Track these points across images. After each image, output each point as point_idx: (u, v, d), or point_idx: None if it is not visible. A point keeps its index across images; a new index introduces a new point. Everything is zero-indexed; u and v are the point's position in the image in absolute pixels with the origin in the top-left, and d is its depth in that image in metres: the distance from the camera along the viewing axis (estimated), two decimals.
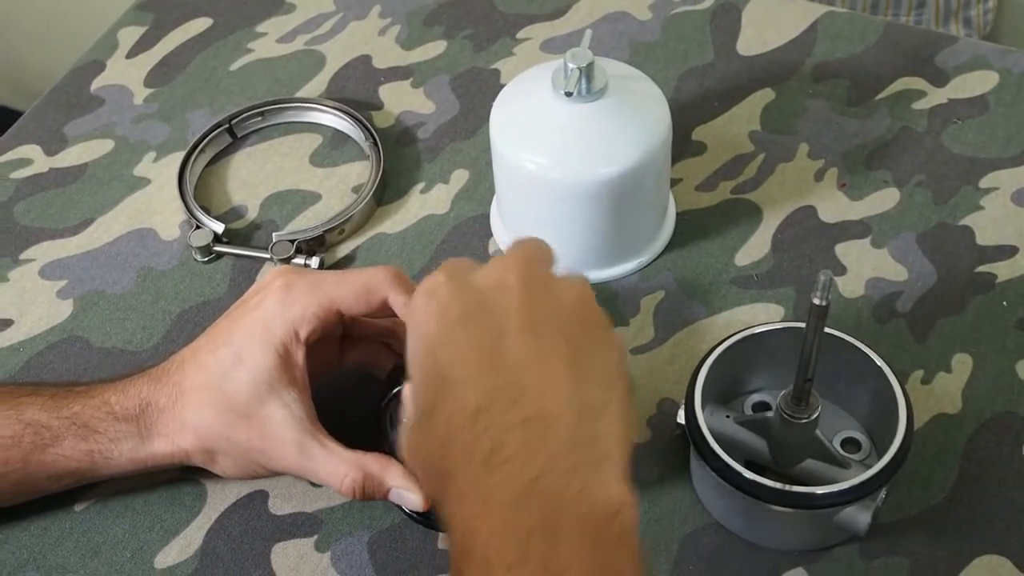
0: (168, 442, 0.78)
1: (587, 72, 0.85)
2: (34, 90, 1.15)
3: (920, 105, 1.03)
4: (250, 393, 0.76)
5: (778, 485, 0.75)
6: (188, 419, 0.77)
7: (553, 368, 0.63)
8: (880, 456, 0.76)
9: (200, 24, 1.15)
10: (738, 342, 0.81)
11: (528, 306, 0.65)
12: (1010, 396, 0.85)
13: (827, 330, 0.80)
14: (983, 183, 0.97)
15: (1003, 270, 0.92)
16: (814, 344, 0.73)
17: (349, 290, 0.76)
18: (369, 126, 1.02)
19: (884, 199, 0.97)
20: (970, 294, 0.91)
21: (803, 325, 0.72)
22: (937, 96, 1.03)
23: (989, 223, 0.95)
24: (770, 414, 0.79)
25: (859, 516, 0.76)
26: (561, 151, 0.87)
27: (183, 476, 0.83)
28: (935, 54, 1.06)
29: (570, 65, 0.85)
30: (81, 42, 1.19)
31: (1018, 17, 1.48)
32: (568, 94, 0.85)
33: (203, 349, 0.78)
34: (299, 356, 0.76)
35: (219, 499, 0.84)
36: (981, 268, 0.92)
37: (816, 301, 0.70)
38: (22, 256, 0.98)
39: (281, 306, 0.76)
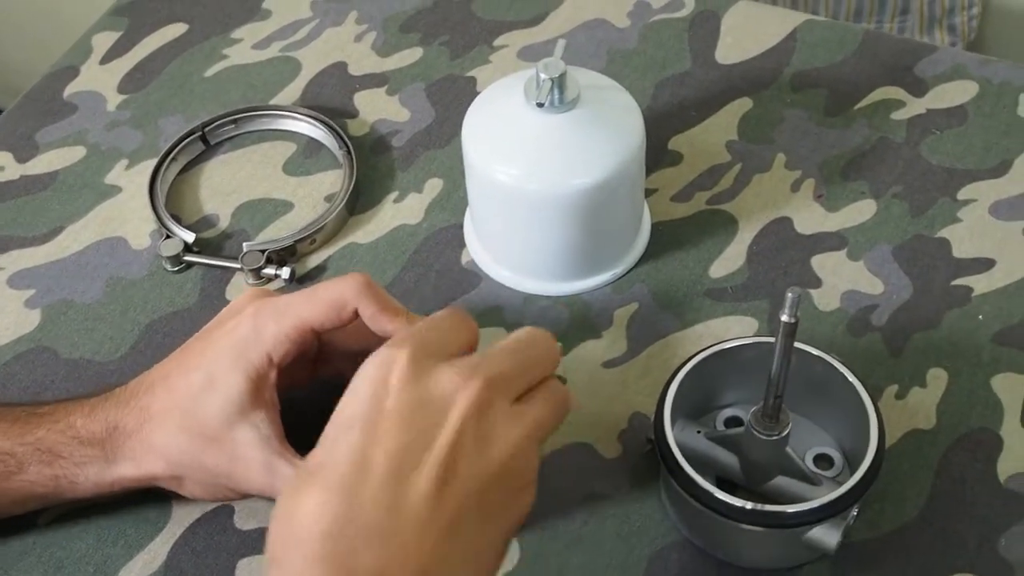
0: (135, 466, 0.77)
1: (559, 82, 0.84)
2: (19, 88, 1.14)
3: (899, 115, 1.02)
4: (220, 417, 0.75)
5: (745, 504, 0.73)
6: (157, 443, 0.76)
7: (431, 537, 0.60)
8: (853, 472, 0.76)
9: (175, 30, 1.14)
10: (708, 357, 0.80)
11: (455, 453, 0.61)
12: (985, 411, 0.84)
13: (799, 345, 0.80)
14: (961, 195, 0.96)
15: (980, 283, 0.91)
16: (783, 361, 0.72)
17: (320, 308, 0.76)
18: (343, 134, 1.01)
19: (861, 210, 0.96)
20: (946, 308, 0.90)
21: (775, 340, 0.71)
22: (916, 106, 1.02)
23: (966, 235, 0.94)
24: (741, 430, 0.78)
25: (828, 535, 0.75)
26: (533, 162, 0.86)
27: (148, 490, 0.82)
28: (914, 63, 1.05)
29: (542, 75, 0.84)
30: (67, 41, 1.18)
31: (1003, 24, 1.47)
32: (540, 105, 0.84)
33: (174, 372, 0.77)
34: (271, 378, 0.76)
35: (184, 514, 0.82)
36: (957, 281, 0.91)
37: (784, 318, 0.70)
38: None
39: (255, 331, 0.75)
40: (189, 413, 0.76)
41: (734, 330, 0.89)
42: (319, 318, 0.76)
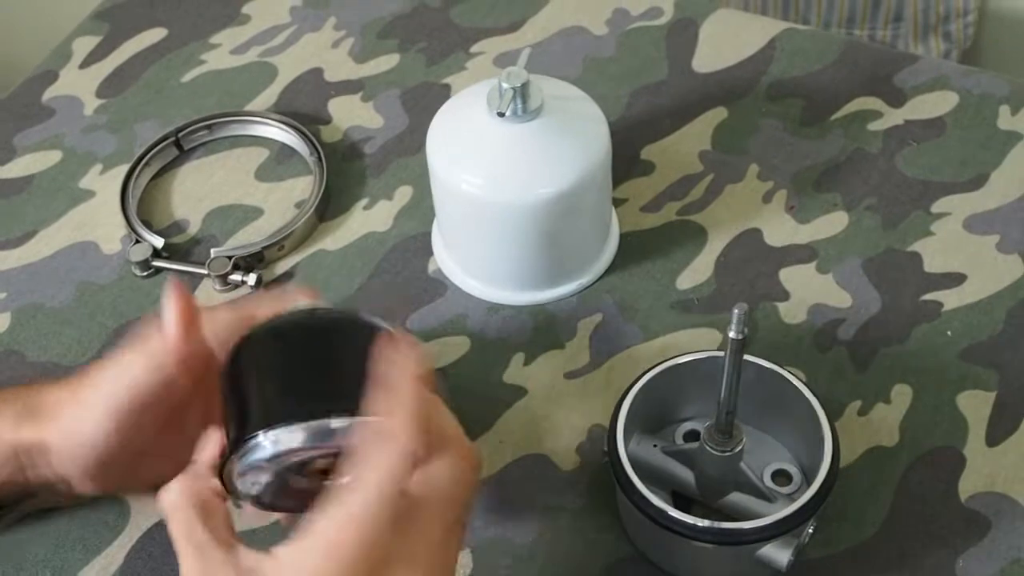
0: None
1: (522, 92, 0.84)
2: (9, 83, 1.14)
3: (876, 126, 1.01)
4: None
5: (693, 520, 0.73)
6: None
7: None
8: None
9: (155, 35, 1.14)
10: (663, 371, 0.79)
11: None
12: (949, 429, 0.83)
13: (756, 359, 0.79)
14: (935, 208, 0.95)
15: (950, 299, 0.90)
16: (733, 378, 0.71)
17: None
18: (314, 140, 1.01)
19: (832, 223, 0.95)
20: (914, 323, 0.89)
21: None
22: (893, 117, 1.01)
23: (938, 250, 0.93)
24: (696, 445, 0.77)
25: (779, 553, 0.74)
26: (496, 172, 0.86)
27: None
28: (895, 73, 1.04)
29: (504, 85, 0.84)
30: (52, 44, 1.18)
31: (998, 30, 1.45)
32: (500, 114, 0.84)
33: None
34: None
35: (142, 518, 0.83)
36: (927, 296, 0.90)
37: (732, 335, 0.69)
38: None
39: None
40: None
41: (698, 342, 0.89)
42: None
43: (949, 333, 0.88)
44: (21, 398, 0.76)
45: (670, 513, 0.73)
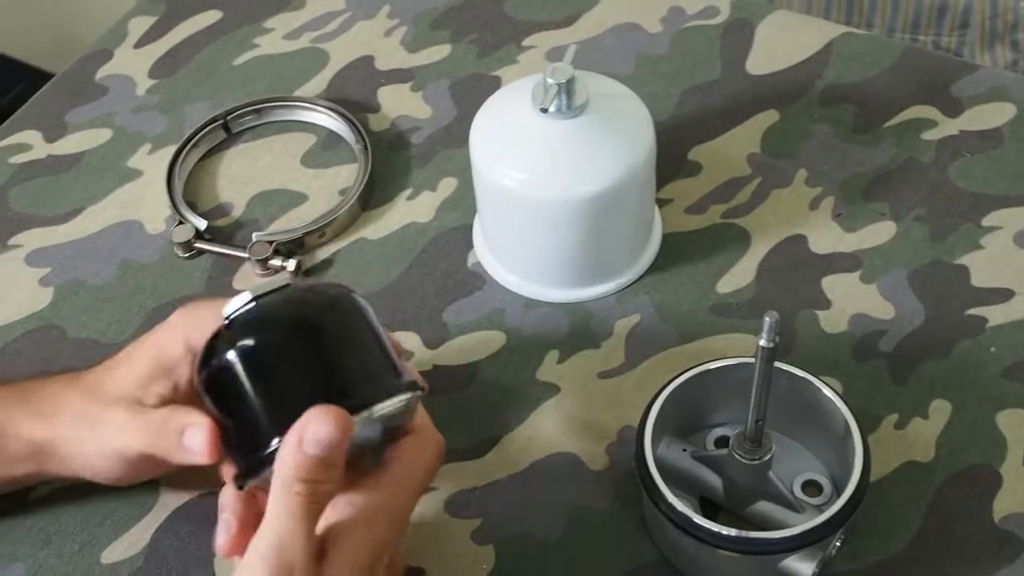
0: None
1: (567, 88, 0.83)
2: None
3: (929, 135, 0.99)
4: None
5: (716, 527, 0.72)
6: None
7: None
8: None
9: (210, 17, 1.14)
10: (696, 376, 0.79)
11: None
12: (987, 447, 0.82)
13: (789, 368, 0.78)
14: (985, 221, 0.93)
15: (995, 314, 0.88)
16: (763, 387, 0.70)
17: None
18: (361, 128, 1.01)
19: (879, 232, 0.93)
20: (958, 338, 0.87)
21: None
22: (948, 127, 1.00)
23: (986, 264, 0.91)
24: (725, 452, 0.76)
25: (803, 565, 0.73)
26: (538, 168, 0.85)
27: None
28: (952, 82, 1.03)
29: (549, 81, 0.83)
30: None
31: None
32: (543, 110, 0.83)
33: None
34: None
35: (172, 497, 0.83)
36: (972, 311, 0.89)
37: (762, 343, 0.68)
38: (11, 242, 0.99)
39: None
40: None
41: (735, 348, 0.88)
42: None
43: (993, 349, 0.86)
44: (34, 394, 0.77)
45: (694, 519, 0.72)
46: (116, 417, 0.73)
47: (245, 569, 0.63)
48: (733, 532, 0.72)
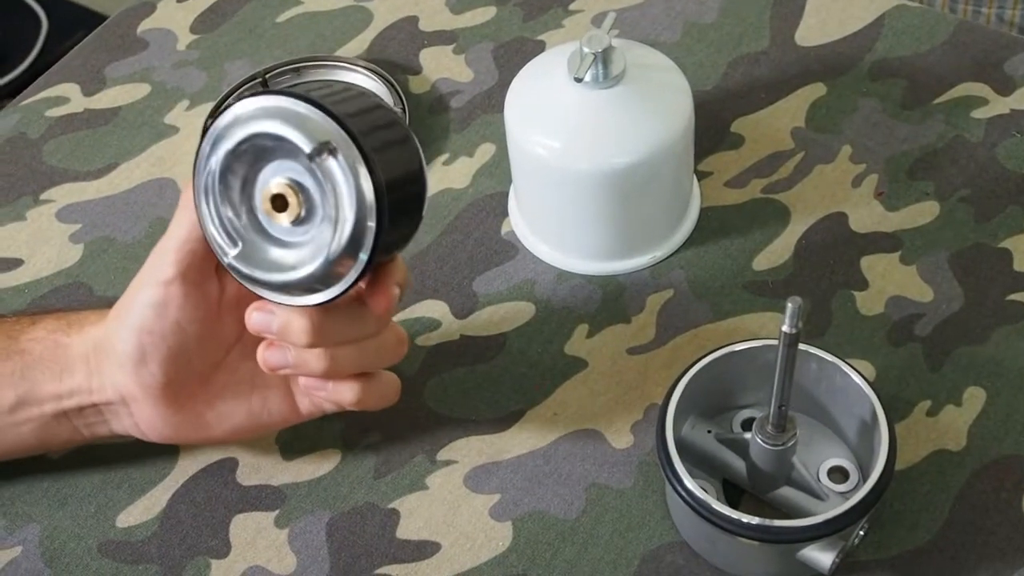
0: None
1: (603, 57, 0.82)
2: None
3: (979, 114, 0.96)
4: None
5: (735, 514, 0.71)
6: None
7: None
8: None
9: None
10: (723, 357, 0.77)
11: None
12: (1020, 438, 0.80)
13: (817, 351, 0.76)
14: None
15: None
16: (786, 372, 0.69)
17: None
18: (400, 91, 0.99)
19: (922, 212, 0.91)
20: (996, 323, 0.85)
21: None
22: (999, 105, 0.97)
23: None
24: (748, 435, 0.75)
25: (823, 555, 0.71)
26: (571, 138, 0.84)
27: None
28: (1006, 59, 0.99)
29: (585, 50, 0.81)
30: None
31: None
32: (578, 80, 0.82)
33: None
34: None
35: (190, 462, 0.83)
36: (1013, 296, 0.86)
37: (785, 329, 0.66)
38: (43, 196, 0.98)
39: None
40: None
41: (768, 327, 0.86)
42: None
43: None
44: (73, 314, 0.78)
45: (712, 505, 0.71)
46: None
47: None
48: (748, 519, 0.70)
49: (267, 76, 1.02)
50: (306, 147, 0.62)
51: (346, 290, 0.65)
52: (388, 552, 0.78)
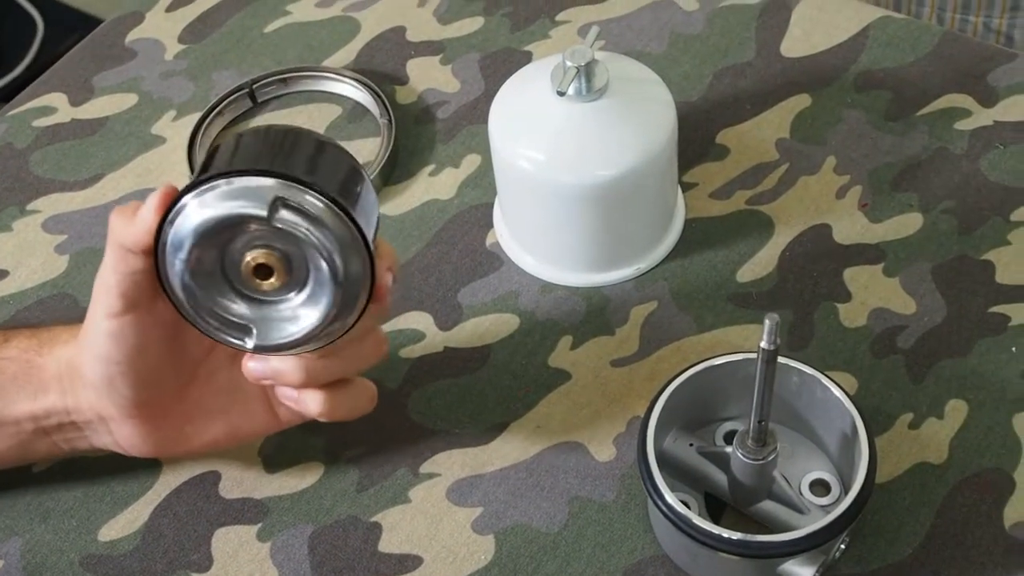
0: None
1: (586, 71, 0.82)
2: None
3: (963, 125, 0.96)
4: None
5: (715, 529, 0.71)
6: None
7: None
8: None
9: None
10: (705, 370, 0.77)
11: None
12: (1001, 451, 0.80)
13: (797, 365, 0.77)
14: (1015, 216, 0.91)
15: (1019, 313, 0.86)
16: (765, 388, 0.69)
17: None
18: (386, 102, 0.99)
19: (905, 224, 0.91)
20: (978, 336, 0.85)
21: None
22: (983, 117, 0.97)
23: (1013, 260, 0.89)
24: (730, 449, 0.75)
25: (802, 569, 0.72)
26: (554, 151, 0.84)
27: None
28: (989, 70, 1.00)
29: (567, 63, 0.82)
30: None
31: None
32: (560, 93, 0.82)
33: None
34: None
35: (172, 476, 0.83)
36: (995, 308, 0.86)
37: (764, 345, 0.67)
38: (29, 207, 0.98)
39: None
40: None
41: (752, 339, 0.86)
42: None
43: (1014, 349, 0.84)
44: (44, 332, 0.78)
45: (692, 520, 0.71)
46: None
47: None
48: (728, 534, 0.70)
49: (254, 87, 1.02)
50: (262, 212, 0.63)
51: (368, 299, 0.67)
52: (370, 566, 0.78)
